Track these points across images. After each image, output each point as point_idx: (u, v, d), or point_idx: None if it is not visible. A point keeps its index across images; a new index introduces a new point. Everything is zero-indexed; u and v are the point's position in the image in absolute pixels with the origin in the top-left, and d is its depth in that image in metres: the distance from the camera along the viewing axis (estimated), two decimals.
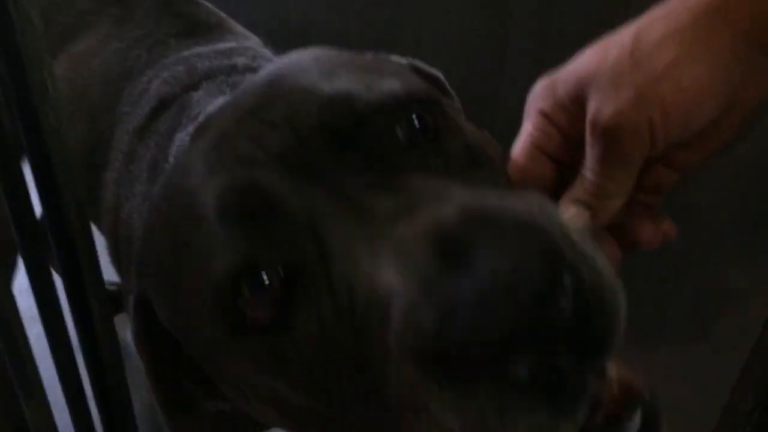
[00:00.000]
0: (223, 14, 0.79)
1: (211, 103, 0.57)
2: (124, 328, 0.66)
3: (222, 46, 0.69)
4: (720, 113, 0.37)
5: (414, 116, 0.37)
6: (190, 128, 0.54)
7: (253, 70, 0.61)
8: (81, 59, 0.73)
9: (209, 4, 0.79)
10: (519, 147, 0.44)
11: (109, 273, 0.67)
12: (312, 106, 0.36)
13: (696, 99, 0.36)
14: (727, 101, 0.37)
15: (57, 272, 0.56)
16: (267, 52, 0.72)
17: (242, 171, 0.35)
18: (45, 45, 0.51)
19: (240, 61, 0.65)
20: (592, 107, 0.39)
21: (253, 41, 0.76)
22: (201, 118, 0.47)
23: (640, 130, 0.37)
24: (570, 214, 0.40)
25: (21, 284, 0.61)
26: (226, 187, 0.35)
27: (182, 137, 0.56)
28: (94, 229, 0.60)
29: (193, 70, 0.64)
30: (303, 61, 0.41)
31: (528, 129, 0.43)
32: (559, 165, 0.43)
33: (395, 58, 0.47)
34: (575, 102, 0.41)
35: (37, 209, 0.55)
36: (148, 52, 0.69)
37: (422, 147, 0.37)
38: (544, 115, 0.42)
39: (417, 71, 0.46)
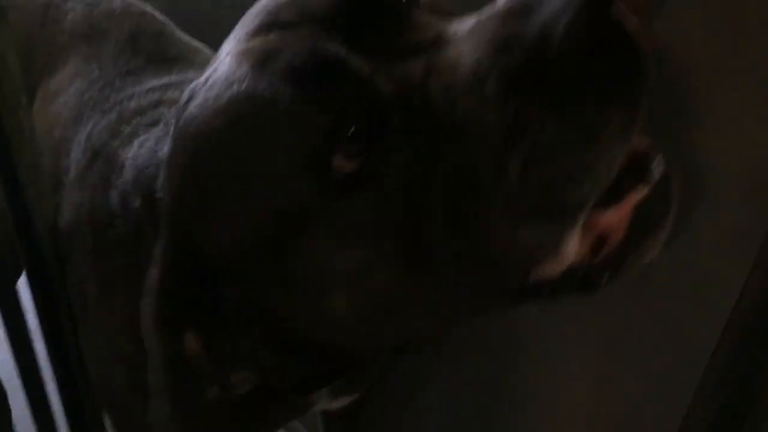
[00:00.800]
0: (193, 44, 0.80)
1: (130, 147, 0.59)
2: None
3: (158, 82, 0.70)
4: None
5: None
6: (126, 175, 0.56)
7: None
8: (52, 96, 0.74)
9: (180, 35, 0.81)
10: None
11: None
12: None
13: None
14: None
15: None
16: None
17: (302, 43, 0.40)
18: (21, 87, 0.54)
19: (169, 95, 0.67)
20: None
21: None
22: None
23: None
24: None
25: None
26: (297, 56, 0.39)
27: (117, 189, 0.57)
28: None
29: (124, 113, 0.65)
30: None
31: None
32: None
33: None
34: None
35: None
36: (98, 93, 0.70)
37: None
38: None
39: None
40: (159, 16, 0.84)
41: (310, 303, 0.43)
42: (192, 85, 0.47)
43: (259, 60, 0.40)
